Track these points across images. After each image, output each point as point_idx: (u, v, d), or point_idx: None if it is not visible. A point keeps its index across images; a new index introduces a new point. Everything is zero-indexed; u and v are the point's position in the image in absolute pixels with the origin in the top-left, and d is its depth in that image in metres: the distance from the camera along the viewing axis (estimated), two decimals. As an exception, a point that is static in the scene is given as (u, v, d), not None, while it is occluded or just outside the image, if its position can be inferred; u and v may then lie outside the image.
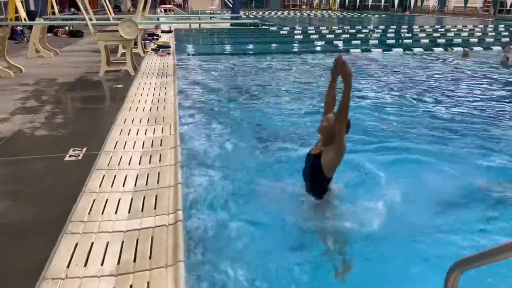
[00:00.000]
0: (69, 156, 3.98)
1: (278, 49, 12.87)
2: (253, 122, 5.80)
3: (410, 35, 16.99)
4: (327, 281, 2.64)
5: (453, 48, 13.10)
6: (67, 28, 15.32)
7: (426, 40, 15.28)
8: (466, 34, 17.62)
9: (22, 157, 4.02)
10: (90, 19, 8.45)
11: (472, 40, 15.43)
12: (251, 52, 12.41)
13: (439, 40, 15.20)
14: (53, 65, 9.26)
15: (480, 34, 17.78)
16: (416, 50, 12.71)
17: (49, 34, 12.32)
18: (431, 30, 18.97)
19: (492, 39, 15.66)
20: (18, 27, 12.76)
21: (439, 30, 19.01)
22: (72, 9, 22.21)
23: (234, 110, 6.39)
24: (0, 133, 4.63)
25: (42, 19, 10.78)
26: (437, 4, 35.96)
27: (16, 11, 9.75)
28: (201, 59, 11.17)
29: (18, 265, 2.42)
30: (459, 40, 15.26)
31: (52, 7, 12.69)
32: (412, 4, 37.03)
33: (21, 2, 10.15)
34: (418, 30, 19.01)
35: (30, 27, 11.01)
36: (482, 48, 13.28)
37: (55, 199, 3.19)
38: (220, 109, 6.43)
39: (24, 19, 9.82)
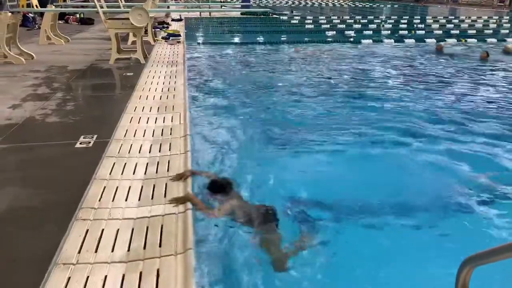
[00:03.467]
0: (80, 143, 4.01)
1: (288, 39, 12.75)
2: (263, 110, 5.79)
3: (423, 25, 16.72)
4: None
5: (466, 39, 12.87)
6: (78, 15, 15.34)
7: (440, 31, 15.02)
8: (480, 25, 17.28)
9: (33, 143, 4.05)
10: (101, 7, 8.44)
11: (487, 31, 15.12)
12: (261, 41, 12.31)
13: (452, 31, 14.93)
14: (64, 52, 9.30)
15: (495, 25, 17.42)
16: (428, 41, 12.52)
17: (60, 21, 12.35)
18: (444, 21, 18.63)
19: (507, 31, 15.34)
20: (30, 14, 12.80)
21: (453, 21, 18.67)
22: (83, -4, 22.20)
23: (243, 99, 6.37)
24: (11, 119, 4.68)
25: (54, 6, 10.80)
26: (452, -5, 35.32)
27: (28, -2, 9.78)
28: (211, 48, 11.13)
29: (30, 250, 2.46)
30: (473, 31, 14.98)
31: (63, -6, 12.70)
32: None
33: (33, -12, 10.16)
34: (431, 20, 18.69)
35: (41, 14, 11.04)
36: (496, 40, 13.04)
37: (66, 185, 3.22)
38: (229, 98, 6.42)
39: (36, 6, 9.85)
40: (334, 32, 14.42)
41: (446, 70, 8.72)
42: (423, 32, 14.83)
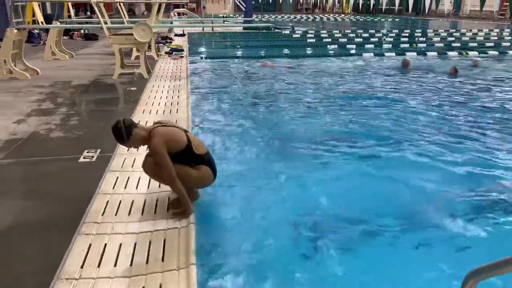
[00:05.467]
0: (84, 158, 4.04)
1: (291, 53, 12.85)
2: (266, 125, 5.80)
3: (424, 39, 16.82)
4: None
5: (468, 52, 12.93)
6: (82, 31, 15.57)
7: (441, 44, 15.09)
8: (481, 38, 17.37)
9: (37, 158, 4.08)
10: (105, 23, 8.56)
11: (488, 44, 15.19)
12: (263, 55, 12.41)
13: (454, 44, 15.00)
14: (69, 67, 9.41)
15: (496, 38, 17.51)
16: (430, 54, 12.58)
17: (65, 37, 12.52)
18: (445, 34, 18.75)
19: (508, 44, 15.41)
20: (35, 30, 12.99)
21: (454, 34, 18.78)
22: (88, 13, 22.56)
23: (247, 113, 6.40)
24: (16, 134, 4.72)
25: (59, 23, 10.96)
26: (452, 8, 35.50)
27: (34, 15, 9.93)
28: (214, 63, 11.22)
29: (33, 264, 2.46)
30: (474, 44, 15.05)
31: (68, 11, 12.90)
32: (426, 7, 36.59)
33: (38, 5, 10.33)
34: (433, 34, 18.82)
35: (46, 30, 11.20)
36: (497, 53, 13.09)
37: (69, 200, 3.23)
38: (232, 112, 6.44)
39: (41, 22, 10.00)
40: (336, 46, 14.53)
41: (450, 87, 8.75)
42: (425, 45, 14.91)
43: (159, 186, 3.40)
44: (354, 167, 4.37)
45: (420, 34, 18.63)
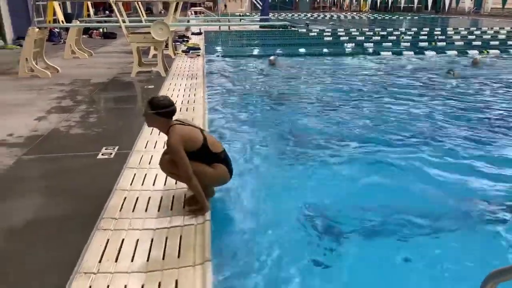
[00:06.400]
0: (102, 155, 4.10)
1: (307, 51, 12.79)
2: (282, 124, 5.78)
3: (444, 37, 16.51)
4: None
5: (488, 51, 12.65)
6: (101, 30, 15.80)
7: (461, 43, 14.79)
8: (503, 36, 16.97)
9: (57, 154, 4.17)
10: (124, 22, 8.67)
11: (510, 42, 14.82)
12: (280, 54, 12.39)
13: (474, 43, 14.69)
14: (88, 65, 9.56)
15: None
16: (449, 53, 12.36)
17: (84, 36, 12.73)
18: (465, 32, 18.38)
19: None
20: (56, 29, 13.24)
21: (475, 32, 18.39)
22: (107, 12, 22.87)
23: (263, 112, 6.40)
24: (37, 131, 4.82)
25: (78, 22, 11.14)
26: (473, 6, 34.74)
27: (54, 14, 10.13)
28: (231, 61, 11.25)
29: (52, 259, 2.51)
30: (496, 43, 14.70)
31: (88, 10, 13.12)
32: (446, 5, 35.90)
33: (59, 5, 10.53)
34: (452, 32, 18.47)
35: (66, 29, 11.41)
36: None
37: (88, 196, 3.29)
38: (249, 111, 6.46)
39: (62, 21, 10.18)
40: (353, 44, 14.40)
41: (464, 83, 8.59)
42: (444, 43, 14.64)
43: (176, 183, 3.43)
44: (363, 165, 4.33)
45: (439, 33, 18.30)
